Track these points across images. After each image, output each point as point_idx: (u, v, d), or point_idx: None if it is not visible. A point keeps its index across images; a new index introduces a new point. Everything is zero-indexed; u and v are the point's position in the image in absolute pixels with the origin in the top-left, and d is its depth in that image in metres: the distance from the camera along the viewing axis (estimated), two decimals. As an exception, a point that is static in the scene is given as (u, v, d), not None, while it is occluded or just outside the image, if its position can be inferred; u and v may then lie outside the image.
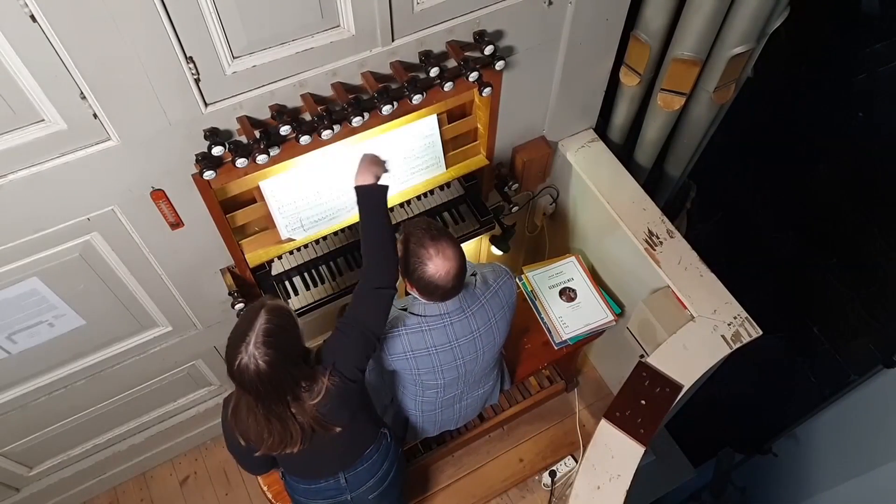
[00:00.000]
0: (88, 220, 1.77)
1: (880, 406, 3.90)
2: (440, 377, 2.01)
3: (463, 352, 1.97)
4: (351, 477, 1.95)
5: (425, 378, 2.01)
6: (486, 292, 1.97)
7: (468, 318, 1.93)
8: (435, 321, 1.90)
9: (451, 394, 2.12)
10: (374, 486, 2.01)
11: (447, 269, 1.75)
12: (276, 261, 2.24)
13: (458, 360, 1.99)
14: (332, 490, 1.96)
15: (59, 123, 1.51)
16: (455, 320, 1.92)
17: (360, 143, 2.05)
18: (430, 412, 2.17)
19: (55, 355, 2.14)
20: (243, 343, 1.49)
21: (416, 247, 1.76)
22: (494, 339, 2.03)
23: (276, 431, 1.62)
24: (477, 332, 1.96)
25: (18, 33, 1.32)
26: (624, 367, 2.40)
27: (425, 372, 1.99)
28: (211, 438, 3.11)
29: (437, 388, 2.06)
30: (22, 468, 2.58)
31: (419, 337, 1.91)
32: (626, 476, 2.00)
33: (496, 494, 2.98)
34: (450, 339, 1.93)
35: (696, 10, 2.22)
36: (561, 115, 2.50)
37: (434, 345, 1.92)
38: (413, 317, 1.90)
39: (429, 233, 1.77)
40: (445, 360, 1.97)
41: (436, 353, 1.94)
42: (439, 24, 1.87)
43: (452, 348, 1.95)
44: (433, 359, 1.95)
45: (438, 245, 1.75)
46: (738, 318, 2.25)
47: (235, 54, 1.60)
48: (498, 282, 2.01)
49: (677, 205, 3.39)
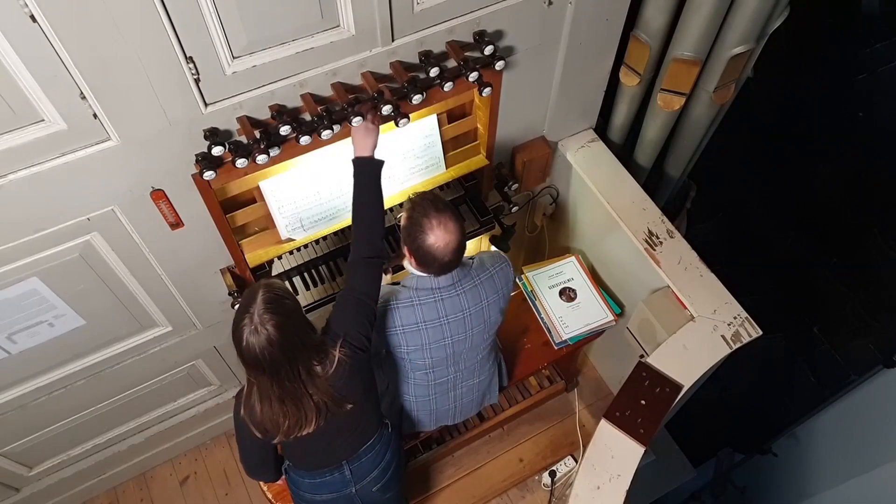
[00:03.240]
0: (88, 221, 1.77)
1: (880, 406, 3.91)
2: (428, 355, 2.02)
3: (452, 330, 1.99)
4: (355, 468, 1.96)
5: (414, 357, 2.02)
6: (480, 273, 1.99)
7: (459, 295, 1.95)
8: (426, 295, 1.92)
9: (441, 378, 2.12)
10: (378, 478, 2.02)
11: (447, 241, 1.79)
12: (276, 261, 2.25)
13: (447, 339, 2.00)
14: (337, 483, 1.97)
15: (58, 123, 1.51)
16: (446, 296, 1.93)
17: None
18: (423, 399, 2.17)
19: (55, 355, 2.14)
20: (247, 315, 1.51)
21: (420, 216, 1.79)
22: (485, 323, 2.04)
23: (290, 414, 1.64)
24: (467, 310, 1.98)
25: (18, 33, 1.32)
26: (624, 367, 2.40)
27: (414, 350, 2.00)
28: (211, 438, 3.12)
29: (426, 370, 2.07)
30: (22, 468, 2.58)
31: (409, 311, 1.92)
32: (626, 476, 2.00)
33: (496, 494, 2.98)
34: (439, 314, 1.95)
35: (696, 10, 2.22)
36: (561, 115, 2.50)
37: (424, 319, 1.94)
38: (404, 290, 1.92)
39: (434, 204, 1.81)
40: (434, 337, 1.98)
41: (425, 329, 1.95)
42: (439, 24, 1.87)
43: (441, 325, 1.96)
44: (422, 335, 1.96)
45: (442, 217, 1.79)
46: (738, 318, 2.25)
47: (235, 54, 1.60)
48: (495, 266, 2.03)
49: (677, 205, 3.39)
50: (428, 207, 1.80)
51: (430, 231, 1.78)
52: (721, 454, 4.98)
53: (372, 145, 1.82)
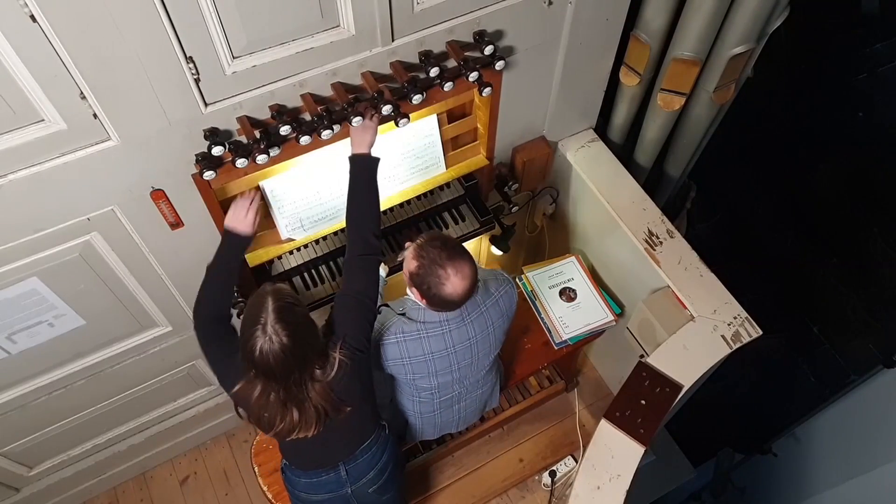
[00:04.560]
0: (88, 220, 1.77)
1: (880, 406, 3.90)
2: (434, 380, 2.02)
3: (459, 358, 1.98)
4: (351, 468, 1.96)
5: (420, 382, 2.02)
6: (487, 300, 1.97)
7: (467, 325, 1.94)
8: (434, 328, 1.90)
9: (447, 395, 2.12)
10: (374, 479, 2.01)
11: (464, 287, 1.76)
12: (276, 261, 2.25)
13: (454, 366, 2.00)
14: (333, 483, 1.96)
15: (58, 123, 1.51)
16: (454, 328, 1.92)
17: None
18: (428, 414, 2.17)
19: (55, 355, 2.14)
20: (258, 326, 1.50)
21: (433, 265, 1.74)
22: (490, 346, 2.04)
23: (289, 419, 1.64)
24: (474, 338, 1.97)
25: (18, 33, 1.32)
26: (624, 367, 2.40)
27: (420, 377, 2.00)
28: (211, 438, 3.12)
29: (432, 390, 2.07)
30: (22, 468, 2.58)
31: (416, 344, 1.91)
32: (626, 476, 2.00)
33: (496, 494, 2.98)
34: (447, 345, 1.94)
35: (696, 10, 2.22)
36: (561, 115, 2.50)
37: (431, 351, 1.93)
38: (411, 322, 1.90)
39: (445, 250, 1.75)
40: (441, 366, 1.97)
41: (432, 360, 1.95)
42: (439, 24, 1.87)
43: (449, 355, 1.96)
44: (429, 365, 1.96)
45: (456, 264, 1.74)
46: (738, 318, 2.24)
47: (235, 54, 1.60)
48: (500, 290, 2.01)
49: (677, 205, 3.39)
50: (440, 255, 1.74)
51: (446, 281, 1.74)
52: (721, 454, 4.98)
53: (370, 142, 1.81)
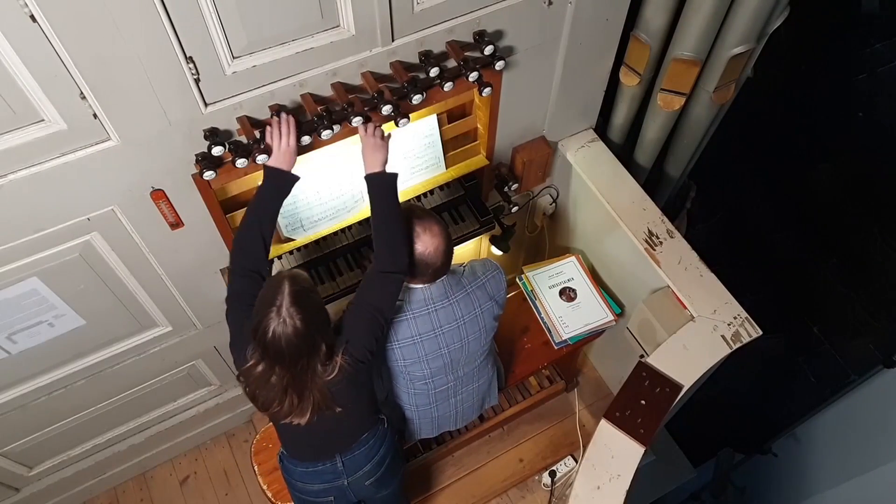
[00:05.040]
0: (88, 220, 1.77)
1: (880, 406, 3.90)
2: (426, 366, 2.03)
3: (447, 340, 2.00)
4: (348, 460, 1.96)
5: (412, 369, 2.03)
6: (472, 282, 2.00)
7: (452, 304, 1.96)
8: (419, 308, 1.93)
9: (441, 386, 2.13)
10: (371, 472, 2.01)
11: (435, 245, 1.82)
12: (276, 261, 2.24)
13: (443, 349, 2.01)
14: (329, 474, 1.97)
15: (59, 123, 1.51)
16: (439, 307, 1.94)
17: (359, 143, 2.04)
18: (424, 407, 2.18)
19: (55, 355, 2.14)
20: (273, 308, 1.51)
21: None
22: (480, 330, 2.05)
23: (287, 403, 1.65)
24: (461, 319, 1.99)
25: (18, 33, 1.32)
26: (624, 367, 2.40)
27: (412, 363, 2.00)
28: (211, 438, 3.12)
29: (426, 379, 2.08)
30: (22, 468, 2.58)
31: (405, 326, 1.93)
32: (626, 476, 2.00)
33: (496, 494, 2.98)
34: (434, 326, 1.96)
35: (696, 10, 2.22)
36: (561, 115, 2.50)
37: (419, 332, 1.95)
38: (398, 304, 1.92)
39: (412, 212, 1.84)
40: (430, 348, 1.99)
41: (420, 343, 1.96)
42: (439, 24, 1.87)
43: (437, 336, 1.97)
44: (418, 348, 1.97)
45: (423, 223, 1.83)
46: (738, 318, 2.25)
47: (235, 54, 1.60)
48: (487, 274, 2.04)
49: (677, 205, 3.39)
50: (409, 217, 1.82)
51: (416, 239, 1.81)
52: (721, 454, 4.98)
53: (382, 160, 1.82)
